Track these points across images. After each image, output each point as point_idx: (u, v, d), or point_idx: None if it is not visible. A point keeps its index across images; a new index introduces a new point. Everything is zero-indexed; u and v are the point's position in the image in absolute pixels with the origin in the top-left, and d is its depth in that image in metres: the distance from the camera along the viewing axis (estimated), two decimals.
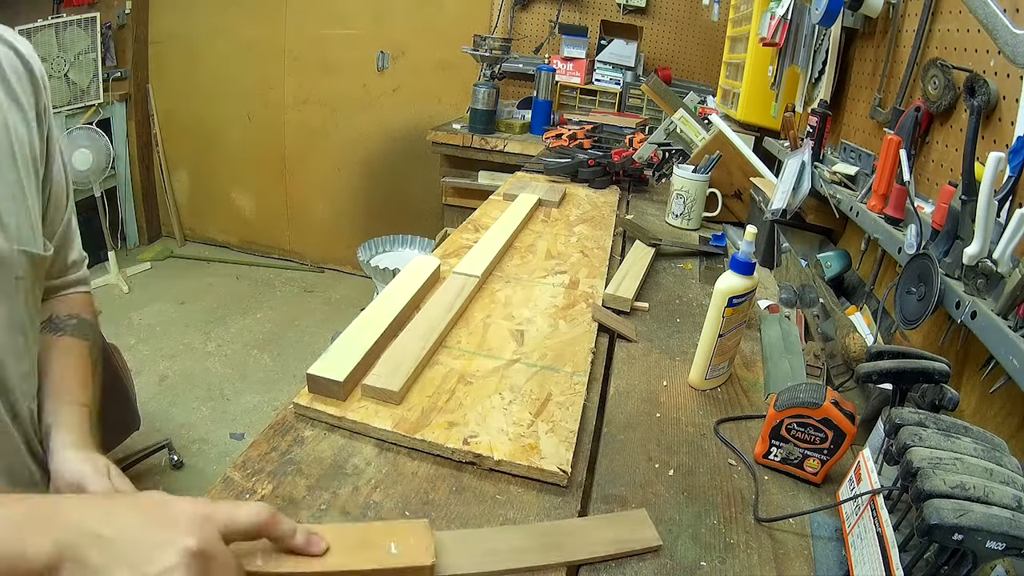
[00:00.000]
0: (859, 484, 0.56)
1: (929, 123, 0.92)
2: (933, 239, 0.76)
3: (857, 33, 1.23)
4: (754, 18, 1.59)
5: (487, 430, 0.64)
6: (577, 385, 0.74)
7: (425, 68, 3.18)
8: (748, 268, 0.74)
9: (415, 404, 0.68)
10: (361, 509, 0.55)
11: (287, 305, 3.18)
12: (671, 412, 0.75)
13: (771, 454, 0.66)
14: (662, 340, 0.91)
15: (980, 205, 0.65)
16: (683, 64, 2.91)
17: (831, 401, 0.61)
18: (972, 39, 0.84)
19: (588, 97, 2.81)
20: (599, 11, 2.91)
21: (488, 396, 0.71)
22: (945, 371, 0.60)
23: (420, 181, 3.26)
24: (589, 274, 1.07)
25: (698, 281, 1.14)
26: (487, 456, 0.61)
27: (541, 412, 0.69)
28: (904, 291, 0.78)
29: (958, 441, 0.51)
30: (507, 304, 0.93)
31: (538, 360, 0.79)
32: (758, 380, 0.84)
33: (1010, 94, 0.74)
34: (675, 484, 0.63)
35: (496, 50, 2.51)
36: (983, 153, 0.67)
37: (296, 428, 0.64)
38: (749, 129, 1.69)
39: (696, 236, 1.38)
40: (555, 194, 1.46)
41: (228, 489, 0.55)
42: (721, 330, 0.75)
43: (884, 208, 0.90)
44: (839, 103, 1.29)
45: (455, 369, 0.75)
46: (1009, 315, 0.62)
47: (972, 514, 0.43)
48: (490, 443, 0.62)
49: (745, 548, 0.56)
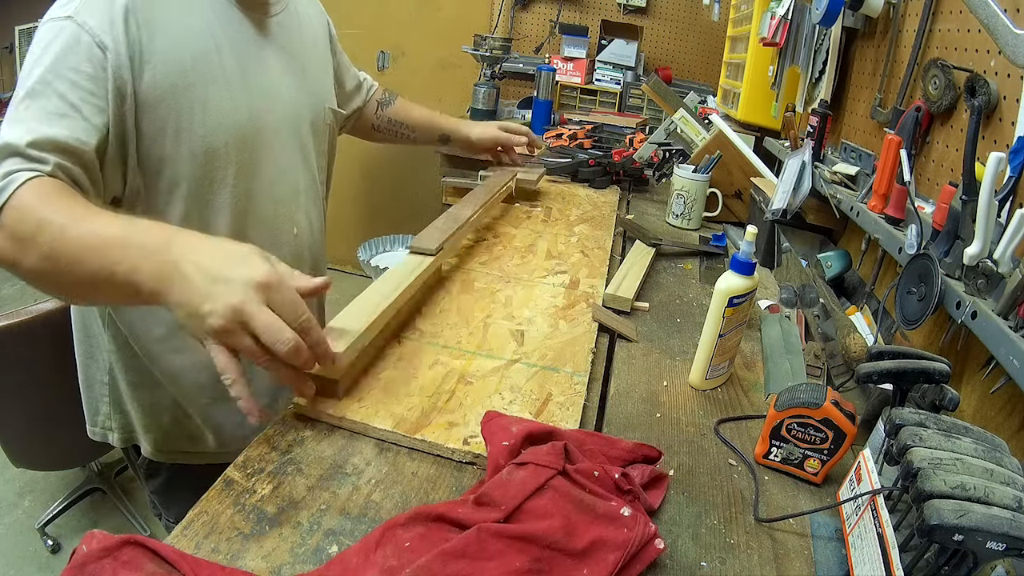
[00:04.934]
0: (859, 484, 0.56)
1: (929, 123, 0.92)
2: (933, 239, 0.76)
3: (857, 33, 1.23)
4: (754, 18, 1.59)
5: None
6: (577, 385, 0.74)
7: (425, 68, 3.18)
8: (748, 268, 0.74)
9: (415, 404, 0.68)
10: (361, 509, 0.55)
11: None
12: (671, 412, 0.75)
13: (771, 454, 0.66)
14: (662, 340, 0.91)
15: (981, 205, 0.65)
16: (683, 64, 2.91)
17: (831, 401, 0.61)
18: (973, 39, 0.83)
19: (588, 97, 2.81)
20: (599, 11, 2.91)
21: (488, 396, 0.71)
22: (945, 371, 0.60)
23: (420, 181, 3.26)
24: (589, 274, 1.07)
25: (698, 281, 1.14)
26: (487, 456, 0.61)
27: (541, 412, 0.69)
28: (904, 291, 0.78)
29: (958, 441, 0.51)
30: (507, 304, 0.93)
31: (538, 360, 0.79)
32: (758, 380, 0.84)
33: (1010, 94, 0.74)
34: (675, 484, 0.63)
35: (496, 50, 2.51)
36: (983, 153, 0.67)
37: (296, 428, 0.64)
38: (749, 129, 1.69)
39: (696, 236, 1.38)
40: (534, 174, 1.45)
41: (228, 489, 0.55)
42: (721, 330, 0.75)
43: (884, 208, 0.90)
44: (839, 103, 1.29)
45: (455, 369, 0.75)
46: (1009, 315, 0.62)
47: (972, 514, 0.43)
48: None
49: (745, 548, 0.56)
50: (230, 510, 0.53)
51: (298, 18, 0.97)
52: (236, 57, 0.83)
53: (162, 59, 0.75)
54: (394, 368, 0.74)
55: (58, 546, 1.73)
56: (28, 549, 1.73)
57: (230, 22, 0.83)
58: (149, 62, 0.74)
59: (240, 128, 0.83)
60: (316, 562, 0.49)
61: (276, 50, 0.90)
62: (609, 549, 0.49)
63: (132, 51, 0.73)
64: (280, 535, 0.51)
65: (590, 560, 0.48)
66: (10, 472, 1.88)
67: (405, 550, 0.48)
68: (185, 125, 0.78)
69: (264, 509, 0.53)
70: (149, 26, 0.74)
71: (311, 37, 1.01)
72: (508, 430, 0.58)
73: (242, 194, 0.86)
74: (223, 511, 0.53)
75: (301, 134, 0.96)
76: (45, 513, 1.76)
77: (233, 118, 0.82)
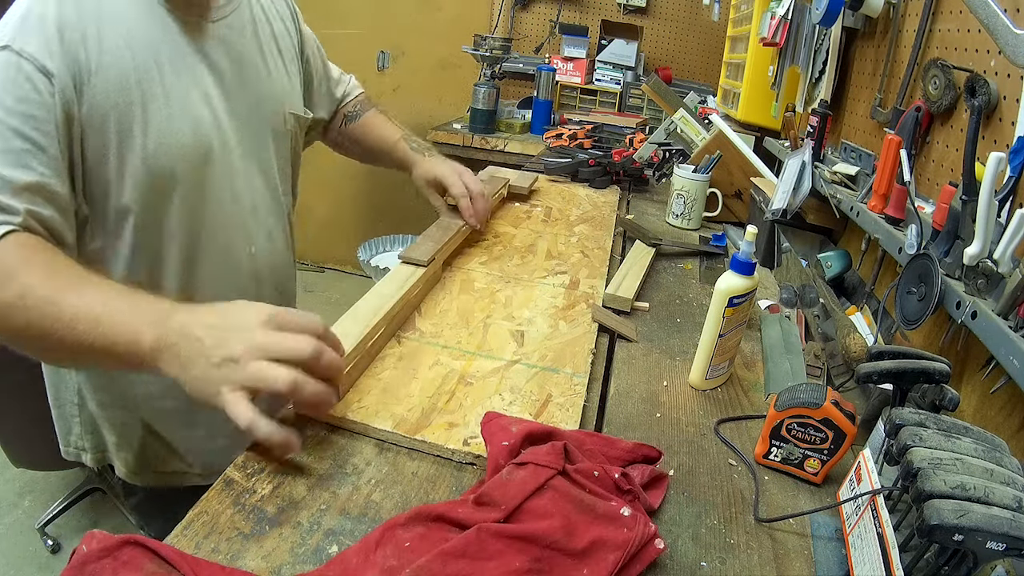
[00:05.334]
0: (859, 484, 0.56)
1: (929, 123, 0.92)
2: (933, 239, 0.76)
3: (857, 33, 1.23)
4: (754, 18, 1.59)
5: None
6: (577, 386, 0.74)
7: (425, 68, 3.18)
8: (748, 268, 0.74)
9: (415, 405, 0.68)
10: (361, 509, 0.55)
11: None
12: (671, 412, 0.75)
13: (771, 454, 0.66)
14: (662, 340, 0.91)
15: (981, 205, 0.65)
16: (683, 64, 2.91)
17: (831, 401, 0.61)
18: (973, 39, 0.83)
19: (588, 97, 2.81)
20: (599, 11, 2.91)
21: (488, 397, 0.71)
22: (945, 371, 0.60)
23: None
24: (589, 274, 1.07)
25: (698, 281, 1.14)
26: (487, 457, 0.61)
27: (541, 413, 0.69)
28: (904, 291, 0.78)
29: (958, 441, 0.51)
30: (507, 304, 0.93)
31: (538, 361, 0.79)
32: (758, 380, 0.84)
33: (1010, 94, 0.74)
34: (675, 484, 0.63)
35: (496, 50, 2.51)
36: (984, 153, 0.67)
37: (296, 428, 0.64)
38: (749, 129, 1.69)
39: (696, 236, 1.38)
40: (526, 180, 1.45)
41: (228, 489, 0.55)
42: (721, 330, 0.75)
43: (884, 208, 0.90)
44: (839, 103, 1.29)
45: (455, 370, 0.75)
46: (1010, 315, 0.62)
47: (972, 515, 0.43)
48: None
49: (745, 548, 0.56)
50: (230, 510, 0.53)
51: (251, 16, 0.90)
52: (176, 70, 0.77)
53: (102, 77, 0.70)
54: (394, 368, 0.74)
55: (58, 546, 1.73)
56: (28, 549, 1.73)
57: (167, 31, 0.77)
58: (88, 82, 0.69)
59: (184, 147, 0.78)
60: (316, 562, 0.49)
61: (222, 57, 0.83)
62: (609, 549, 0.49)
63: (73, 71, 0.68)
64: (280, 535, 0.51)
65: (590, 560, 0.48)
66: (10, 472, 1.88)
67: (405, 550, 0.48)
68: (127, 148, 0.73)
69: (264, 509, 0.53)
70: (85, 42, 0.70)
71: (269, 36, 0.93)
72: (508, 430, 0.58)
73: (193, 217, 0.82)
74: (223, 511, 0.53)
75: (257, 146, 0.90)
76: (45, 513, 1.75)
77: (176, 138, 0.77)
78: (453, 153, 2.52)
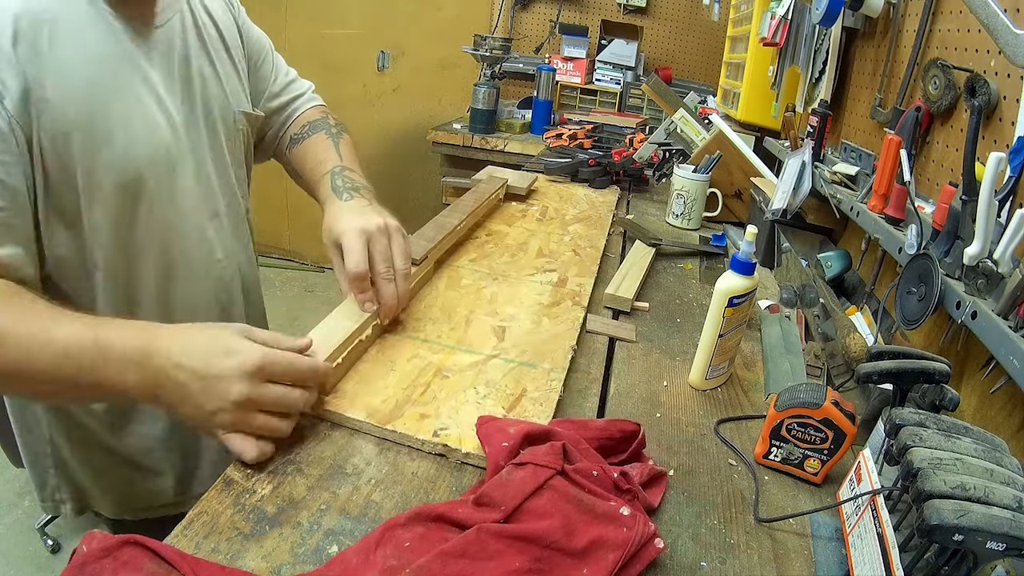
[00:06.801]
0: (859, 484, 0.56)
1: (929, 123, 0.92)
2: (933, 239, 0.76)
3: (857, 33, 1.23)
4: (754, 18, 1.60)
5: (458, 423, 0.65)
6: (553, 382, 0.74)
7: (425, 68, 3.18)
8: (748, 268, 0.74)
9: (390, 396, 0.68)
10: (361, 509, 0.55)
11: (287, 305, 3.18)
12: (671, 412, 0.75)
13: (771, 454, 0.66)
14: (662, 340, 0.91)
15: (981, 205, 0.65)
16: (683, 64, 2.91)
17: (831, 401, 0.61)
18: (973, 39, 0.83)
19: (588, 97, 2.81)
20: (599, 11, 2.91)
21: (463, 390, 0.71)
22: (945, 371, 0.60)
23: (420, 181, 3.27)
24: (579, 272, 1.06)
25: (698, 281, 1.14)
26: (456, 448, 0.61)
27: (514, 407, 0.69)
28: (904, 291, 0.78)
29: (958, 441, 0.51)
30: (492, 301, 0.93)
31: (516, 356, 0.79)
32: (758, 380, 0.84)
33: (1010, 94, 0.74)
34: (675, 484, 0.63)
35: (496, 50, 2.51)
36: (984, 153, 0.67)
37: (295, 428, 0.64)
38: (749, 129, 1.69)
39: (696, 236, 1.38)
40: (524, 180, 1.44)
41: (228, 489, 0.55)
42: (721, 330, 0.75)
43: (884, 208, 0.90)
44: (839, 103, 1.29)
45: (432, 363, 0.75)
46: (1010, 315, 0.62)
47: (972, 515, 0.43)
48: (460, 436, 0.63)
49: (745, 548, 0.56)
50: (230, 510, 0.53)
51: (194, 19, 0.86)
52: (129, 79, 0.75)
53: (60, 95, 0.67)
54: (373, 361, 0.74)
55: (58, 546, 1.73)
56: (28, 549, 1.73)
57: (119, 40, 0.74)
58: (45, 99, 0.66)
59: (148, 156, 0.76)
60: (316, 562, 0.49)
61: (171, 62, 0.81)
62: (609, 548, 0.49)
63: (28, 88, 0.64)
64: (280, 535, 0.51)
65: (590, 560, 0.48)
66: (10, 472, 1.88)
67: (405, 550, 0.48)
68: (95, 163, 0.71)
69: (264, 509, 0.53)
70: (40, 58, 0.65)
71: (215, 35, 0.90)
72: (505, 431, 0.58)
73: (162, 226, 0.80)
74: (223, 511, 0.53)
75: (213, 149, 0.88)
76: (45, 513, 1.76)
77: (140, 149, 0.75)
78: (453, 153, 2.53)
